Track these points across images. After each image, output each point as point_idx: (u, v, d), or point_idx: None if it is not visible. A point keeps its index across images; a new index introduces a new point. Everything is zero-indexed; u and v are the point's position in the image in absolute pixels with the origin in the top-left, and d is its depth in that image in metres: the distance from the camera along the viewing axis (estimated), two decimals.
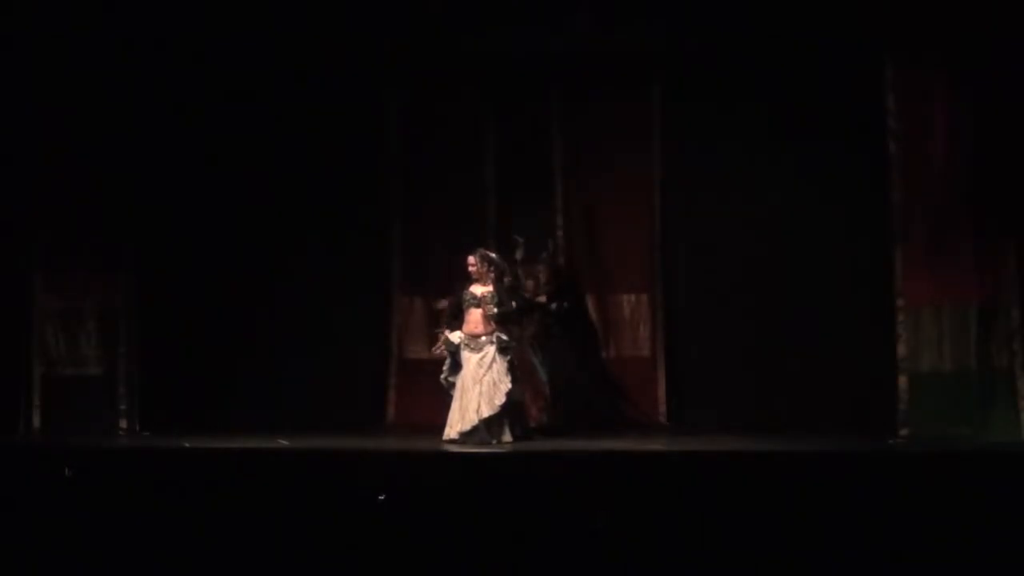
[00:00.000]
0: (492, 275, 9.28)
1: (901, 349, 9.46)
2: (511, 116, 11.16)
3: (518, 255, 10.07)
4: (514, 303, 9.31)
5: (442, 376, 9.25)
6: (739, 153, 10.68)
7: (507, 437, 8.96)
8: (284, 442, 8.80)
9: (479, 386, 8.91)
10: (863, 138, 9.91)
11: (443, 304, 9.57)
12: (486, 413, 8.85)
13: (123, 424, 10.12)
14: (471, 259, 9.23)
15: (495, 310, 9.05)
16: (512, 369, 9.06)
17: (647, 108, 11.09)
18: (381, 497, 6.38)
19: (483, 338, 9.03)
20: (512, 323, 9.33)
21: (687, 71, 10.75)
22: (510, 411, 9.05)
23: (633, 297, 11.08)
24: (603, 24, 10.19)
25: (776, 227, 10.57)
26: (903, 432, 9.34)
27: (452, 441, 8.87)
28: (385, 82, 11.09)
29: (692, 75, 10.75)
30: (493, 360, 8.96)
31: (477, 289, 9.16)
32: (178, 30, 10.11)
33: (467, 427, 8.86)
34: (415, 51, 10.56)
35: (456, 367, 9.12)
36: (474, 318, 9.11)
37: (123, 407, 10.16)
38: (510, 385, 8.95)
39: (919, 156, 9.48)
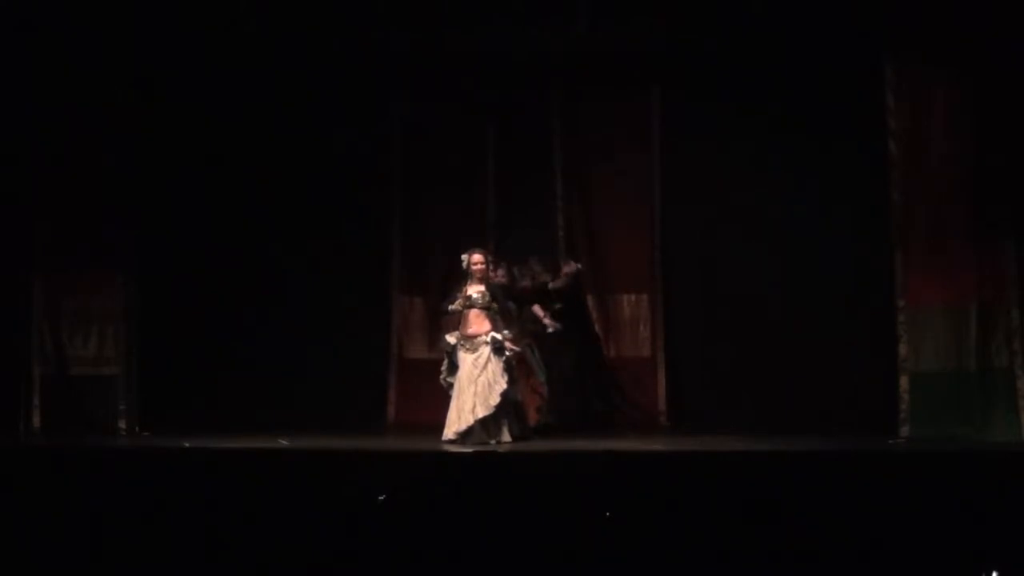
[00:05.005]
0: (491, 275, 9.29)
1: (901, 349, 9.45)
2: (511, 116, 11.16)
3: (526, 281, 10.16)
4: (510, 304, 9.33)
5: (440, 377, 9.24)
6: (739, 153, 10.68)
7: (505, 437, 8.95)
8: (284, 442, 8.80)
9: (474, 386, 8.90)
10: (863, 138, 9.90)
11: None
12: (481, 413, 8.84)
13: (123, 424, 10.11)
14: (476, 256, 9.17)
15: (481, 302, 9.05)
16: (509, 369, 9.04)
17: (647, 108, 11.10)
18: (381, 497, 6.38)
19: (479, 338, 9.01)
20: (510, 322, 9.32)
21: (687, 71, 10.75)
22: (508, 411, 9.04)
23: (633, 297, 11.10)
24: (603, 24, 10.20)
25: (776, 227, 10.57)
26: (903, 432, 9.34)
27: (450, 441, 8.86)
28: (385, 82, 11.09)
29: (692, 75, 10.75)
30: (488, 360, 8.93)
31: (473, 289, 9.14)
32: (178, 31, 10.12)
33: (464, 427, 8.84)
34: (415, 51, 10.57)
35: (454, 368, 9.11)
36: (470, 319, 9.09)
37: (123, 407, 10.15)
38: (505, 385, 8.93)
39: (919, 156, 9.47)
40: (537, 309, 10.00)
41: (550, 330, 9.94)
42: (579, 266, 10.68)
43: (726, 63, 10.47)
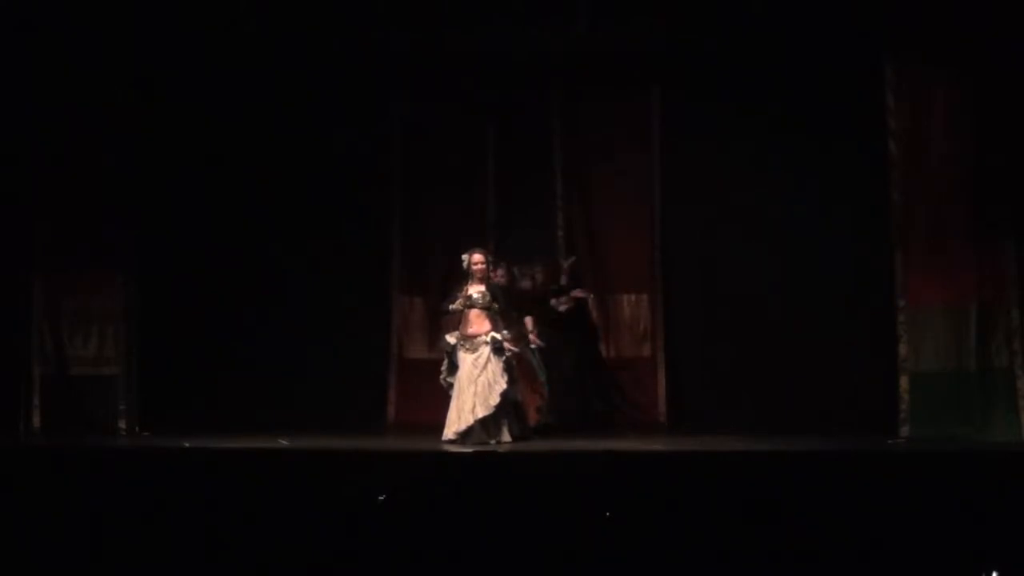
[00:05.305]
0: (491, 275, 9.30)
1: (901, 349, 9.45)
2: (511, 116, 11.16)
3: (527, 282, 10.23)
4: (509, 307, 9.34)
5: (440, 377, 9.24)
6: (739, 153, 10.68)
7: (505, 437, 8.95)
8: (284, 442, 8.80)
9: (474, 386, 8.89)
10: (863, 138, 9.90)
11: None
12: (481, 414, 8.84)
13: (123, 424, 10.12)
14: (477, 256, 9.16)
15: (481, 302, 9.04)
16: (509, 369, 9.04)
17: (647, 108, 11.10)
18: (381, 497, 6.38)
19: (478, 338, 9.01)
20: (511, 322, 9.32)
21: (687, 71, 10.75)
22: (508, 411, 9.04)
23: (633, 297, 11.09)
24: (603, 24, 10.20)
25: (776, 227, 10.57)
26: (903, 432, 9.34)
27: (450, 441, 8.86)
28: (385, 82, 11.09)
29: (692, 75, 10.75)
30: (488, 360, 8.93)
31: (473, 289, 9.14)
32: (178, 31, 10.13)
33: (464, 427, 8.85)
34: (415, 51, 10.57)
35: (454, 368, 9.12)
36: (470, 319, 9.09)
37: (123, 407, 10.16)
38: (505, 385, 8.93)
39: (919, 156, 9.47)
40: (528, 322, 9.93)
41: (532, 346, 9.88)
42: (591, 295, 10.70)
43: (726, 63, 10.47)
